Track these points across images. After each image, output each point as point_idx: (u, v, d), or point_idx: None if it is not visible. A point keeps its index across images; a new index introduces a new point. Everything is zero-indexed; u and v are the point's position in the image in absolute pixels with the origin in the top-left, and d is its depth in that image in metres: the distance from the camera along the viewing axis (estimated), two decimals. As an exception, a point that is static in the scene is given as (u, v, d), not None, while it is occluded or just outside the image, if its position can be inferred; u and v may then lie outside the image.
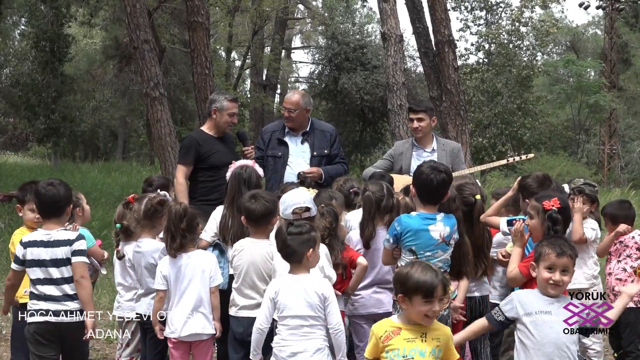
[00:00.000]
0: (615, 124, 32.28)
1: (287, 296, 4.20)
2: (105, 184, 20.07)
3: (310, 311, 4.17)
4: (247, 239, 4.94)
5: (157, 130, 11.38)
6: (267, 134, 7.02)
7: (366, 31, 28.39)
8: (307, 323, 4.17)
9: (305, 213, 4.55)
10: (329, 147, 6.92)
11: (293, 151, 6.84)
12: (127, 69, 32.22)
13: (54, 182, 4.81)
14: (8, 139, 44.22)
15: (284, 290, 4.22)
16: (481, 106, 27.47)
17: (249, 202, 4.87)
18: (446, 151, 6.99)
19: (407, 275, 3.74)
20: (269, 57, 29.68)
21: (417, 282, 3.69)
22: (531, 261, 4.18)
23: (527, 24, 28.82)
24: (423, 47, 13.76)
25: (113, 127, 41.04)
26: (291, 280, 4.26)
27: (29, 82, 27.39)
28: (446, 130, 12.75)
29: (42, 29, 26.27)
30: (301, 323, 4.17)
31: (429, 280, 3.68)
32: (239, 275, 4.85)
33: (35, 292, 4.69)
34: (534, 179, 5.28)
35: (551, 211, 4.34)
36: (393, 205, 5.13)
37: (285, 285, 4.24)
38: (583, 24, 52.04)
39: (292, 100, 6.88)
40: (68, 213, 4.83)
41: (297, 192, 4.73)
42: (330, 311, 4.19)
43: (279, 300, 4.22)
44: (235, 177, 5.45)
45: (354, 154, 28.18)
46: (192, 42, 11.79)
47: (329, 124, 7.56)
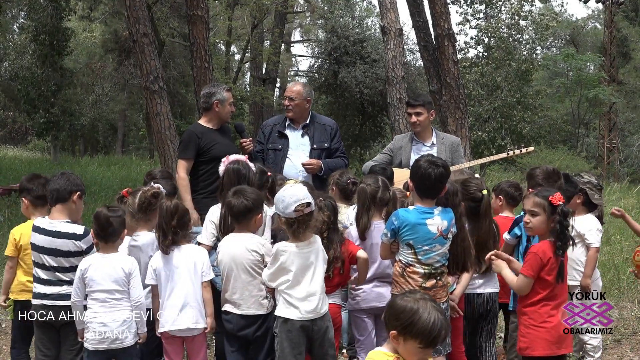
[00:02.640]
0: (614, 118, 32.27)
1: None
2: (104, 177, 20.10)
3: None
4: (230, 234, 4.88)
5: (157, 124, 11.37)
6: (268, 127, 7.05)
7: (366, 25, 28.36)
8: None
9: (307, 208, 4.46)
10: (329, 140, 6.93)
11: (293, 144, 6.86)
12: (126, 62, 32.20)
13: (66, 173, 4.99)
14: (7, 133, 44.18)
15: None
16: (481, 100, 27.44)
17: (230, 197, 4.85)
18: (446, 145, 6.99)
19: (408, 313, 3.15)
20: (268, 50, 29.62)
21: (421, 327, 3.11)
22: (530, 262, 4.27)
23: (526, 18, 28.76)
24: (423, 41, 13.75)
25: (112, 120, 41.02)
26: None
27: (28, 76, 27.36)
28: (446, 124, 12.75)
29: (42, 23, 26.23)
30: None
31: (436, 328, 3.11)
32: (222, 270, 4.82)
33: (35, 275, 4.86)
34: (542, 171, 5.32)
35: (561, 205, 4.36)
36: (389, 198, 5.14)
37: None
38: (583, 17, 52.01)
39: (294, 89, 6.94)
40: (75, 201, 4.87)
41: (295, 188, 4.57)
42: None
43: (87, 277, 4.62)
44: (234, 172, 5.34)
45: (353, 147, 28.16)
46: (191, 35, 11.77)
47: (330, 118, 7.57)
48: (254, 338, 4.76)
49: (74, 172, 5.31)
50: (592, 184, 5.89)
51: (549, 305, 4.38)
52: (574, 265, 5.69)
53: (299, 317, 4.46)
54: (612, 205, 14.42)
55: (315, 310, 4.47)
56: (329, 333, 4.53)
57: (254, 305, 4.74)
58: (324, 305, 4.55)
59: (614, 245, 10.40)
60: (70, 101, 28.83)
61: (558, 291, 4.41)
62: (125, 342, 4.65)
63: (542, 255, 4.34)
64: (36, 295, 4.82)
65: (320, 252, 4.57)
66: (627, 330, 7.14)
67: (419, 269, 4.54)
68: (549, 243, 4.38)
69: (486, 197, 5.07)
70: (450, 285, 4.88)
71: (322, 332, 4.48)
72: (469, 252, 4.88)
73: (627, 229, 11.57)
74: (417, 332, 3.10)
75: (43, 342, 4.89)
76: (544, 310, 4.38)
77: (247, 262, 4.73)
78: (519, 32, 28.63)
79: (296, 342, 4.48)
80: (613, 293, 8.36)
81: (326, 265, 4.62)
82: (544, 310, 4.38)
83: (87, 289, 4.64)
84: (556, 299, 4.40)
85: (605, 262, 9.10)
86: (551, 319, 4.37)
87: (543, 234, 4.46)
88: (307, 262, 4.50)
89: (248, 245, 4.75)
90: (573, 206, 5.72)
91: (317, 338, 4.50)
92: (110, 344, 4.61)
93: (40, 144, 39.41)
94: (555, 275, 4.36)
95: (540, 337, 4.38)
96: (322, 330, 4.48)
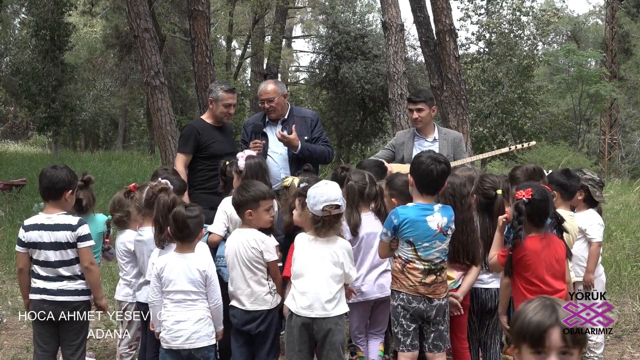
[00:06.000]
0: (615, 114, 32.24)
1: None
2: (105, 172, 20.09)
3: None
4: (237, 229, 4.97)
5: (158, 119, 11.37)
6: (249, 126, 6.95)
7: (367, 20, 28.35)
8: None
9: (335, 210, 4.43)
10: (309, 132, 6.86)
11: (272, 141, 6.79)
12: (127, 57, 32.23)
13: (58, 166, 4.89)
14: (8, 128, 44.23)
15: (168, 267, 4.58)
16: (482, 96, 27.44)
17: (235, 191, 4.93)
18: (448, 140, 6.98)
19: (516, 316, 2.52)
20: (269, 46, 29.61)
21: (524, 324, 2.44)
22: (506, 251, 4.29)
23: (528, 14, 28.76)
24: (424, 37, 13.72)
25: (113, 116, 41.05)
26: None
27: (29, 71, 27.37)
28: (447, 119, 12.73)
29: (43, 18, 26.24)
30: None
31: (540, 322, 2.41)
32: (228, 265, 4.88)
33: (34, 272, 4.81)
34: (523, 171, 5.28)
35: (519, 201, 4.27)
36: (376, 193, 5.17)
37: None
38: (584, 13, 52.05)
39: (269, 90, 6.79)
40: (67, 198, 4.84)
41: (329, 187, 4.48)
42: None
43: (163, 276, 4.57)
44: (258, 166, 5.50)
45: (354, 143, 28.18)
46: (192, 31, 11.77)
47: (310, 110, 7.50)
48: (256, 333, 4.80)
49: (75, 167, 5.26)
50: (594, 180, 5.88)
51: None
52: (577, 261, 5.69)
53: (295, 310, 4.49)
54: (613, 201, 14.44)
55: (310, 308, 4.45)
56: (332, 337, 4.45)
57: (258, 301, 4.79)
58: (328, 307, 4.46)
59: (615, 241, 10.39)
60: (71, 96, 28.86)
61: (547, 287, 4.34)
62: (199, 341, 4.57)
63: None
64: (35, 290, 4.80)
65: (334, 255, 4.51)
66: (628, 327, 7.14)
67: (418, 265, 4.53)
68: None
69: (500, 197, 5.04)
70: (456, 282, 4.87)
71: (322, 334, 4.44)
72: (477, 244, 4.88)
73: (628, 226, 11.61)
74: (524, 333, 2.44)
75: (42, 338, 4.87)
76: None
77: (247, 258, 4.79)
78: (520, 27, 28.62)
79: (297, 339, 4.49)
80: (614, 289, 8.36)
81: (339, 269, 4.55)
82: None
83: (163, 288, 4.60)
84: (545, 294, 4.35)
85: (607, 258, 9.09)
86: None
87: None
88: (316, 257, 4.49)
89: (248, 242, 4.80)
90: (575, 203, 5.73)
91: (318, 339, 4.49)
92: (184, 343, 4.55)
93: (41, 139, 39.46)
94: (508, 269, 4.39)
95: None
96: (323, 332, 4.44)
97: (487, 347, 5.17)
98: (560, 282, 4.40)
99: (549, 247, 4.37)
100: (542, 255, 4.33)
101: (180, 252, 4.62)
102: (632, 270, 8.95)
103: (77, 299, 4.77)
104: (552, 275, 4.35)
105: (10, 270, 8.89)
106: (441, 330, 4.61)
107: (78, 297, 4.77)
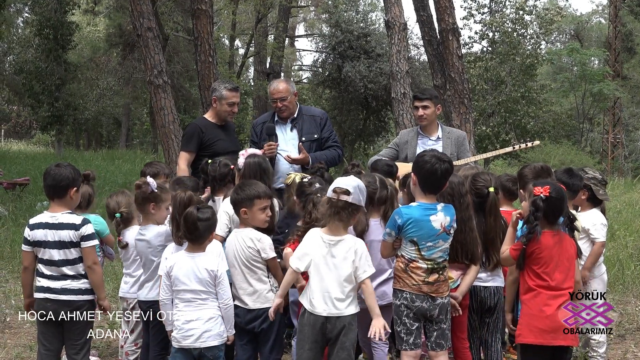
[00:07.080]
0: (619, 113, 32.16)
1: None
2: (108, 171, 20.14)
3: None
4: (235, 229, 5.01)
5: (161, 118, 11.39)
6: (259, 126, 7.00)
7: (370, 19, 28.33)
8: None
9: (343, 195, 4.40)
10: (319, 131, 6.89)
11: (282, 140, 6.80)
12: (130, 56, 32.26)
13: (62, 164, 4.89)
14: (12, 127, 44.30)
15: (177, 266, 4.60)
16: (485, 95, 27.44)
17: (232, 190, 4.96)
18: (451, 139, 6.99)
19: None
20: (272, 45, 29.63)
21: None
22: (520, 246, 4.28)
23: (531, 12, 28.75)
24: (427, 35, 13.74)
25: (117, 114, 41.04)
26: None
27: (32, 70, 27.42)
28: (450, 118, 12.74)
29: (46, 17, 26.29)
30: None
31: None
32: (229, 264, 4.88)
33: (39, 271, 4.81)
34: (531, 170, 5.27)
35: (537, 197, 4.32)
36: (387, 197, 5.14)
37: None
38: (587, 12, 52.02)
39: (281, 89, 6.82)
40: (72, 195, 4.83)
41: (348, 178, 4.58)
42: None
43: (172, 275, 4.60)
44: (257, 165, 5.51)
45: (357, 142, 28.16)
46: (195, 29, 11.79)
47: (319, 109, 7.51)
48: (260, 330, 4.83)
49: (78, 166, 5.24)
50: (597, 179, 5.88)
51: (544, 294, 4.34)
52: (581, 261, 5.68)
53: (309, 308, 4.48)
54: (616, 200, 14.43)
55: (324, 305, 4.43)
56: (344, 335, 4.44)
57: (260, 299, 4.83)
58: (341, 306, 4.44)
59: (618, 240, 10.38)
60: (74, 95, 28.89)
61: (555, 282, 4.36)
62: (209, 340, 4.58)
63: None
64: (39, 288, 4.80)
65: (347, 256, 4.46)
66: (632, 326, 7.13)
67: (422, 265, 4.52)
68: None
69: (492, 195, 5.05)
70: (455, 281, 4.86)
71: (336, 332, 4.44)
72: (476, 242, 4.87)
73: (632, 225, 11.60)
74: None
75: (46, 337, 4.87)
76: (540, 299, 4.35)
77: (245, 257, 4.84)
78: (524, 26, 28.62)
79: (307, 336, 4.47)
80: (617, 288, 8.35)
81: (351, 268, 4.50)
82: (540, 299, 4.35)
83: (173, 287, 4.61)
84: (552, 289, 4.35)
85: (610, 257, 9.09)
86: (546, 309, 4.33)
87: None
88: (327, 254, 4.46)
89: (245, 241, 4.84)
90: (578, 202, 5.73)
91: (331, 337, 4.48)
92: (195, 342, 4.56)
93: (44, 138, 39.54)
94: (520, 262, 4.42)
95: (533, 325, 4.36)
96: (336, 331, 4.43)
97: (488, 345, 5.16)
98: (567, 280, 4.40)
99: (561, 244, 4.39)
100: (553, 251, 4.36)
101: (190, 251, 4.64)
102: (636, 269, 8.94)
103: (81, 298, 4.77)
104: (560, 272, 4.37)
105: (13, 269, 8.90)
106: (444, 329, 4.61)
107: (82, 296, 4.77)
